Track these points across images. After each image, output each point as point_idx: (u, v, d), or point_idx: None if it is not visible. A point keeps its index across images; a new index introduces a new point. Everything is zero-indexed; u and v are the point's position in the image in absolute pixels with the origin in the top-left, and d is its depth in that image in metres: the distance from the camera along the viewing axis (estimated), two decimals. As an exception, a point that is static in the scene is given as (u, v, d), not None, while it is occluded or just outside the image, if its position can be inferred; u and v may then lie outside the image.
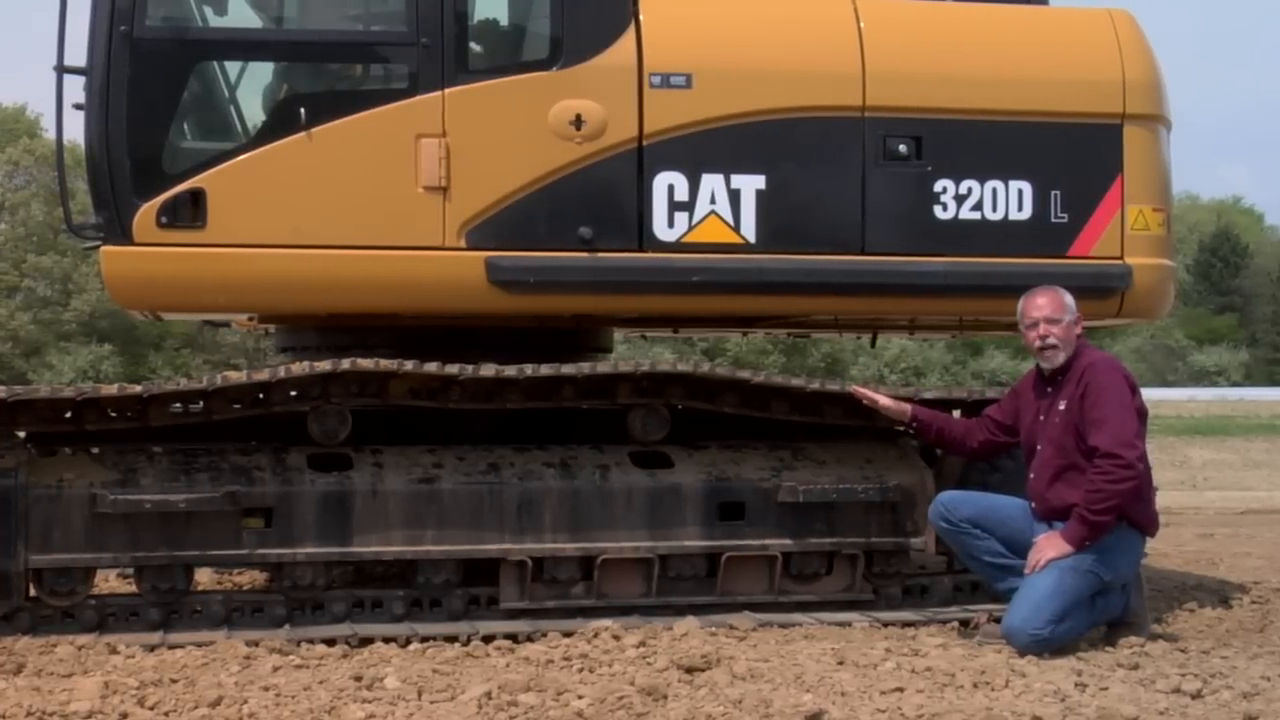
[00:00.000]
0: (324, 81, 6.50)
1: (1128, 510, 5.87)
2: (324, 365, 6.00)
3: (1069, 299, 6.11)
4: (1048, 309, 6.08)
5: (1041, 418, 6.08)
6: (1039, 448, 6.06)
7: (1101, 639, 5.95)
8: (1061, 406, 5.98)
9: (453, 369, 6.07)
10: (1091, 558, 5.81)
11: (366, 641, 5.87)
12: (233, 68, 6.50)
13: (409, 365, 6.02)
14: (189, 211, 6.03)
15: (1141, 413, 5.97)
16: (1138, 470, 5.81)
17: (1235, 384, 54.77)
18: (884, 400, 6.42)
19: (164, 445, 6.13)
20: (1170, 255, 7.04)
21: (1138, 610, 6.08)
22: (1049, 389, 6.11)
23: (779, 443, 6.64)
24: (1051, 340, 6.03)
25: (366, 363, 6.00)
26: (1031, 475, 6.09)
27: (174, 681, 5.09)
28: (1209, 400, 39.35)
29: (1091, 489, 5.78)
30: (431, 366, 6.04)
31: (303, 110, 6.11)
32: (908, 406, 6.41)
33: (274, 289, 6.14)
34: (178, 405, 6.17)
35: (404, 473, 6.16)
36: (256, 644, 5.70)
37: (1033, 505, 6.08)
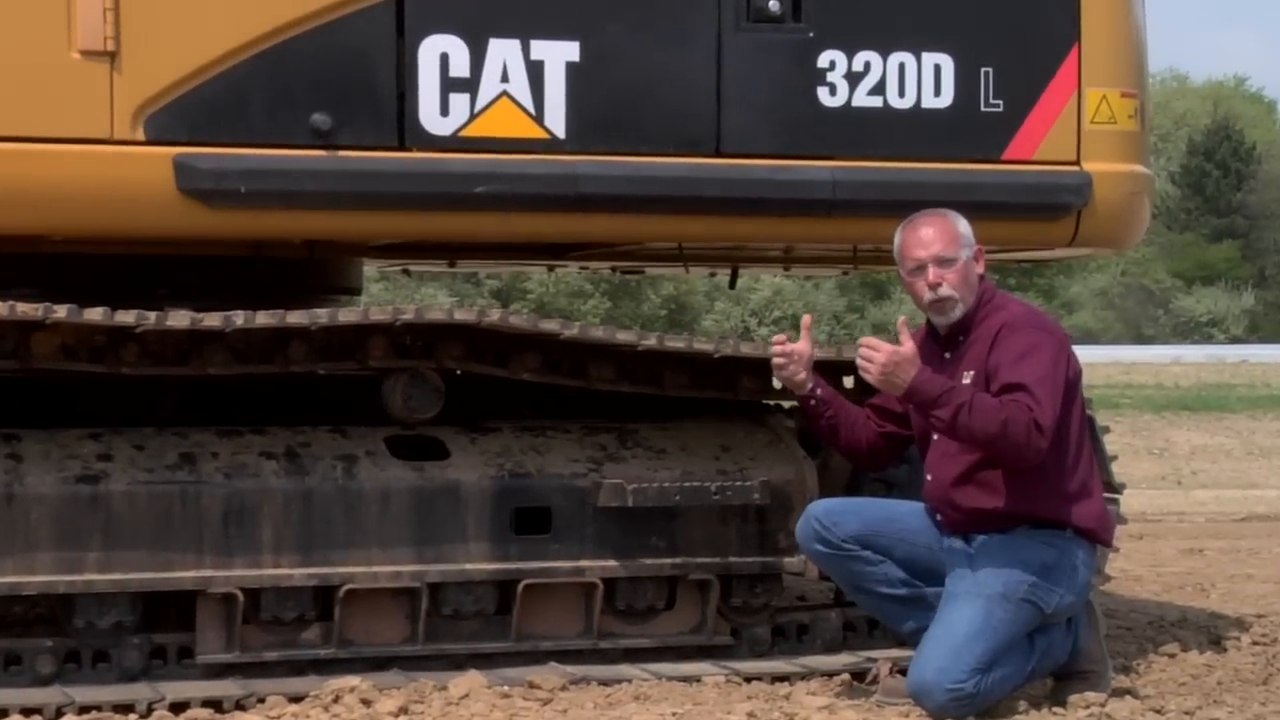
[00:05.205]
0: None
1: (1066, 512, 5.95)
2: (-66, 312, 5.92)
3: (963, 226, 6.14)
4: (937, 244, 6.10)
5: None
6: (935, 437, 6.12)
7: (1046, 696, 6.12)
8: (966, 379, 6.01)
9: (127, 317, 6.01)
10: (1028, 580, 5.91)
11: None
12: None
13: (61, 312, 5.96)
14: None
15: (1072, 382, 5.99)
16: (1038, 450, 5.79)
17: (1236, 339, 56.47)
18: (801, 347, 6.19)
19: None
20: (1145, 160, 7.24)
21: (1093, 654, 6.23)
22: (946, 354, 6.15)
23: (600, 423, 6.74)
24: (945, 290, 6.09)
25: (0, 307, 5.93)
26: (929, 476, 6.18)
27: None
28: (1200, 362, 40.57)
29: (993, 406, 5.75)
30: (95, 313, 5.98)
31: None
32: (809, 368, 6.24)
33: None
34: None
35: (55, 468, 6.12)
36: None
37: (936, 515, 6.19)
